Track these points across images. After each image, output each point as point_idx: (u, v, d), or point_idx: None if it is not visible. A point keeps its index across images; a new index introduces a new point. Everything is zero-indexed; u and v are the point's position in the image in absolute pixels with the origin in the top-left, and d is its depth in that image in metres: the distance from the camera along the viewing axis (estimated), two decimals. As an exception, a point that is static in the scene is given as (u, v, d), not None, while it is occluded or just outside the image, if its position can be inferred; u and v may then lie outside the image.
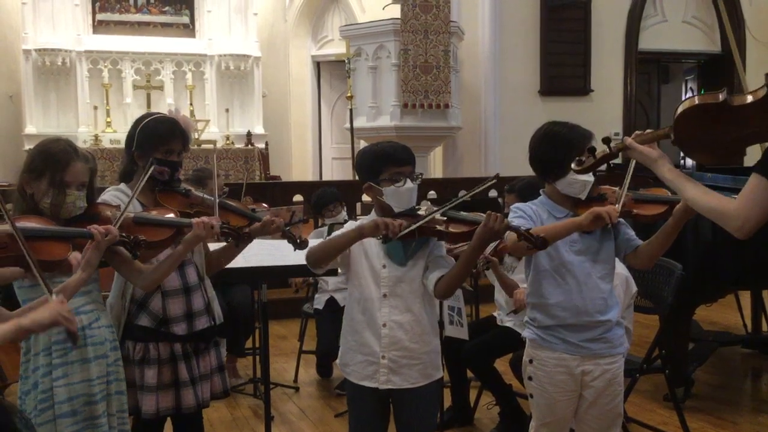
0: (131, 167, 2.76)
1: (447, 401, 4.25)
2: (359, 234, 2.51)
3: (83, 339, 2.46)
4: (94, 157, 2.58)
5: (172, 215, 2.57)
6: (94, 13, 11.33)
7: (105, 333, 2.56)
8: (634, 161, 2.43)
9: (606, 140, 2.36)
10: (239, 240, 2.63)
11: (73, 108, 11.13)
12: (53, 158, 2.41)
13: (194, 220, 2.52)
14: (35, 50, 10.79)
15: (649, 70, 11.92)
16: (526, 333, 2.71)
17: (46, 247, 1.96)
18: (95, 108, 11.05)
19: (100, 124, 11.05)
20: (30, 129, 10.64)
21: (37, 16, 10.84)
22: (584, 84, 10.53)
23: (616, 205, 2.53)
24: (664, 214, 2.62)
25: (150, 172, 2.57)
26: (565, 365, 2.58)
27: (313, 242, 2.70)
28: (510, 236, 2.42)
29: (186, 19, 11.81)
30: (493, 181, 2.54)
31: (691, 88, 12.02)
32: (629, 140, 2.33)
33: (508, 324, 4.12)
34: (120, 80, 11.29)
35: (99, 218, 2.42)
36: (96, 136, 10.77)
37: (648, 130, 2.38)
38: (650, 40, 10.91)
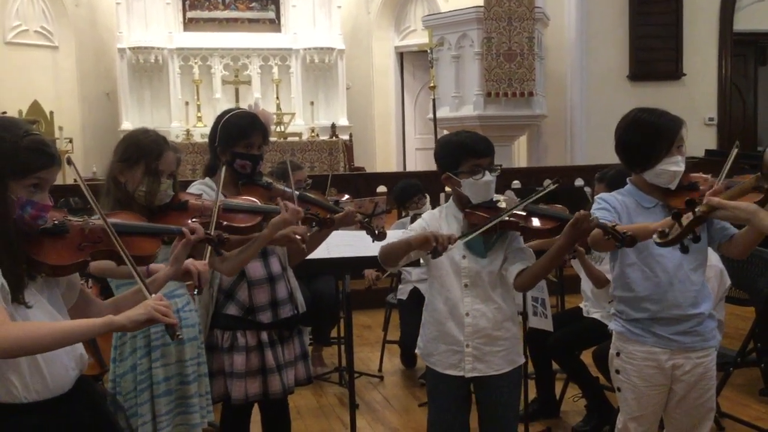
0: (215, 162, 2.82)
1: (532, 393, 4.21)
2: (407, 248, 2.50)
3: (178, 321, 2.54)
4: (178, 148, 2.67)
5: (257, 202, 2.62)
6: (184, 11, 11.69)
7: (195, 316, 2.67)
8: (736, 150, 2.33)
9: (690, 202, 2.09)
10: (323, 225, 2.68)
11: (165, 104, 11.53)
12: (147, 148, 2.50)
13: (282, 203, 2.56)
14: (129, 49, 11.22)
15: (745, 52, 11.38)
16: (613, 325, 2.65)
17: (137, 242, 2.03)
18: (186, 103, 11.42)
19: (191, 119, 11.41)
20: (126, 125, 11.05)
21: (130, 15, 11.27)
22: (676, 68, 10.16)
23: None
24: (761, 203, 2.51)
25: (223, 165, 2.61)
26: (655, 359, 2.51)
27: (393, 233, 2.71)
28: (595, 231, 2.37)
29: (272, 15, 12.03)
30: (553, 187, 2.49)
31: (791, 70, 11.43)
32: (716, 200, 2.11)
33: (595, 315, 4.04)
34: (210, 76, 11.62)
35: (186, 206, 2.49)
36: (187, 131, 11.12)
37: (730, 187, 2.20)
38: (746, 21, 10.43)
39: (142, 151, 2.49)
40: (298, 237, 2.63)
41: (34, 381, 1.78)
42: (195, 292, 2.28)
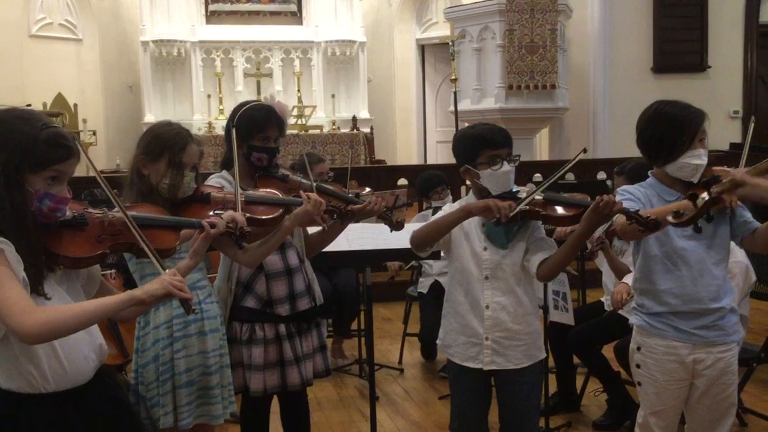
0: (231, 155, 2.80)
1: (553, 387, 4.20)
2: (466, 214, 2.51)
3: (200, 312, 2.56)
4: (201, 141, 2.68)
5: (279, 194, 2.63)
6: (206, 4, 11.73)
7: (216, 308, 2.68)
8: (753, 124, 2.29)
9: (706, 184, 2.06)
10: (344, 218, 2.68)
11: (188, 97, 11.59)
12: (171, 141, 2.51)
13: (304, 194, 2.56)
14: (152, 41, 11.27)
15: (772, 44, 11.25)
16: (633, 319, 2.64)
17: (157, 235, 2.04)
18: (208, 96, 11.46)
19: (213, 111, 11.46)
20: (149, 117, 11.10)
21: (153, 8, 11.32)
22: (701, 60, 10.05)
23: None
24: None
25: (233, 133, 2.58)
26: (676, 353, 2.50)
27: (413, 225, 2.70)
28: (619, 219, 2.36)
29: (294, 7, 12.04)
30: (582, 153, 2.47)
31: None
32: (740, 176, 2.07)
33: (617, 309, 4.02)
34: (231, 69, 11.66)
35: (209, 199, 2.50)
36: (209, 124, 11.16)
37: (758, 165, 2.16)
38: (773, 12, 10.29)
39: (166, 143, 2.51)
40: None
41: (53, 371, 1.79)
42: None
